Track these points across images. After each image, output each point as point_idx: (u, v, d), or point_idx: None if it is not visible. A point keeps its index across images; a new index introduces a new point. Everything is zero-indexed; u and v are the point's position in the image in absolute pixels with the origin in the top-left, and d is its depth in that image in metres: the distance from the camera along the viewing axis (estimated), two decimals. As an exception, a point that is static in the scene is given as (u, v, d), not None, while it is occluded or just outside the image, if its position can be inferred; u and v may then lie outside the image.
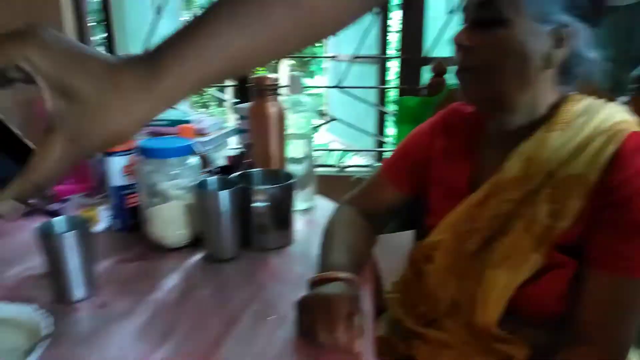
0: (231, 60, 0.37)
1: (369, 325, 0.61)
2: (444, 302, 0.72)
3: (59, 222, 0.68)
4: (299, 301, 0.60)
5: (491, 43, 0.65)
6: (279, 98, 0.99)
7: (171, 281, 0.74)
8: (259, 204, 0.81)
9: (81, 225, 0.67)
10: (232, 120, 1.32)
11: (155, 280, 0.74)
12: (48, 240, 0.64)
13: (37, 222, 0.67)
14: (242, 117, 1.21)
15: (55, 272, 0.66)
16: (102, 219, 0.93)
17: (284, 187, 0.83)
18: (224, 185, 0.82)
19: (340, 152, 2.08)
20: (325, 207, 1.05)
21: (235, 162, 1.11)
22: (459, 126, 0.81)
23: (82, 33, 1.90)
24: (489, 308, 0.65)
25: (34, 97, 0.36)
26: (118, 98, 0.34)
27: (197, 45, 0.36)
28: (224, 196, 0.77)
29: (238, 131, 1.28)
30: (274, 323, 0.62)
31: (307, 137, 1.04)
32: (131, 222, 0.90)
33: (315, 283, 0.64)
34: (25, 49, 0.32)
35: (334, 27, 0.41)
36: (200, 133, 1.22)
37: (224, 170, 1.07)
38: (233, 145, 1.32)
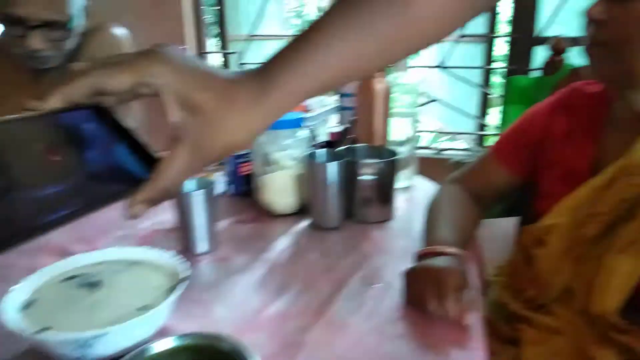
0: (338, 72, 0.39)
1: (478, 301, 0.61)
2: (556, 287, 0.69)
3: (188, 182, 0.76)
4: (408, 272, 0.61)
5: (628, 17, 0.60)
6: (385, 75, 1.00)
7: (281, 244, 0.79)
8: (366, 177, 0.83)
9: (208, 186, 0.74)
10: (333, 98, 1.35)
11: (267, 242, 0.79)
12: (180, 198, 0.72)
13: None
14: (343, 95, 1.24)
15: (185, 226, 0.74)
16: (218, 184, 1.01)
17: (389, 162, 0.84)
18: (331, 157, 0.86)
19: (437, 134, 2.03)
20: (424, 186, 1.05)
21: (338, 138, 1.13)
22: (581, 106, 0.76)
23: (197, 12, 2.03)
24: (608, 295, 0.61)
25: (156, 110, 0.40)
26: (234, 111, 0.37)
27: (304, 60, 0.37)
28: (333, 168, 0.80)
29: (340, 108, 1.31)
30: (380, 290, 0.64)
31: (411, 116, 1.04)
32: (244, 188, 0.97)
33: (422, 256, 0.65)
34: (153, 67, 0.35)
35: (440, 34, 0.41)
36: (305, 109, 1.26)
37: (328, 146, 1.10)
38: (334, 123, 1.35)
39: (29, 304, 0.51)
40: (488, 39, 1.91)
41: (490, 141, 1.95)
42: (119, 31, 1.25)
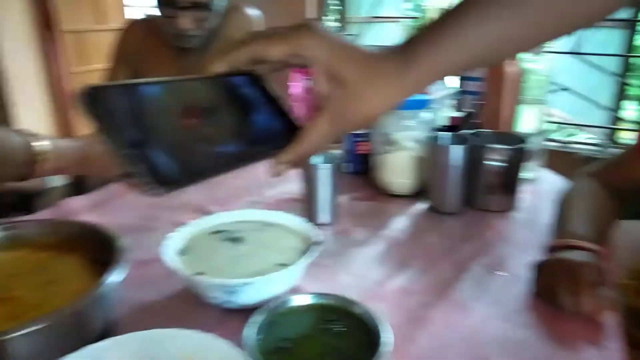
0: (480, 52, 0.39)
1: (615, 300, 0.57)
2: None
3: (316, 156, 0.79)
4: (539, 263, 0.59)
5: None
6: (518, 59, 0.95)
7: (399, 223, 0.80)
8: (492, 163, 0.80)
9: (334, 161, 0.77)
10: (454, 83, 1.32)
11: (384, 220, 0.81)
12: (308, 169, 0.76)
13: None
14: (466, 79, 1.20)
15: (309, 197, 0.78)
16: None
17: (518, 149, 0.81)
18: (455, 141, 0.84)
19: (561, 125, 1.88)
20: (550, 179, 0.99)
21: (458, 123, 1.11)
22: None
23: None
24: None
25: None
26: (375, 84, 0.39)
27: (448, 37, 0.38)
28: (457, 151, 0.79)
29: (462, 93, 1.27)
30: (505, 279, 0.63)
31: (541, 104, 0.98)
32: (360, 167, 0.99)
33: (555, 248, 0.62)
34: (306, 40, 0.38)
35: (593, 19, 0.39)
36: (426, 92, 1.25)
37: (448, 130, 1.08)
38: (454, 107, 1.31)
39: (184, 251, 0.58)
40: (630, 24, 1.72)
41: (626, 136, 1.77)
42: (253, 12, 1.33)
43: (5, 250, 0.54)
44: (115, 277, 0.45)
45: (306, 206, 0.79)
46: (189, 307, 0.56)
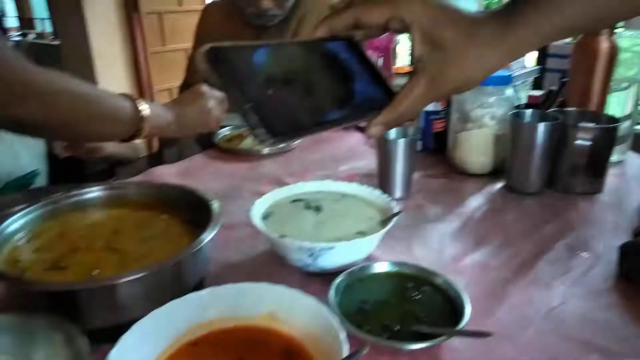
0: (585, 17, 0.37)
1: None
2: None
3: (392, 130, 0.80)
4: (625, 246, 0.57)
5: None
6: (615, 33, 0.89)
7: (475, 202, 0.79)
8: (581, 142, 0.77)
9: (411, 136, 0.77)
10: (533, 60, 1.26)
11: (459, 198, 0.80)
12: (385, 143, 0.76)
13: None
14: (549, 56, 1.14)
15: (385, 171, 0.78)
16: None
17: (609, 129, 0.77)
18: (539, 119, 0.81)
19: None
20: (637, 162, 0.93)
21: (539, 102, 1.06)
22: None
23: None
24: None
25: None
26: (475, 48, 0.38)
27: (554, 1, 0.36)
28: (542, 129, 0.76)
29: (543, 70, 1.22)
30: (589, 260, 0.60)
31: (635, 83, 0.91)
32: (434, 145, 0.98)
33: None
34: (408, 3, 0.39)
35: None
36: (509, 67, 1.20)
37: (528, 109, 1.04)
38: (535, 85, 1.26)
39: (267, 216, 0.61)
40: None
41: None
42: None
43: (109, 208, 0.60)
44: (210, 235, 0.49)
45: (379, 181, 0.80)
46: (270, 268, 0.59)
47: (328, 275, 0.54)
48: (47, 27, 3.63)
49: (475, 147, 0.87)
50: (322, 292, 0.46)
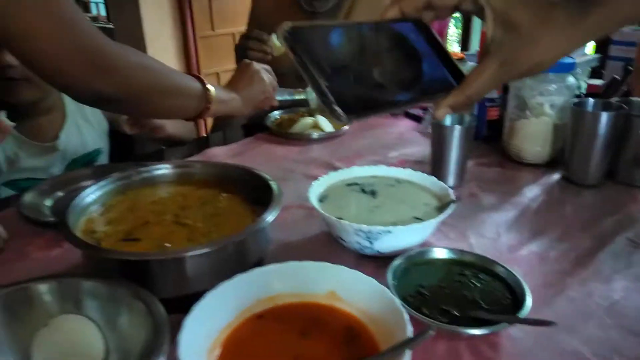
0: None
1: None
2: None
3: (448, 117, 0.79)
4: None
5: None
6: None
7: (530, 192, 0.77)
8: (647, 133, 0.74)
9: (468, 123, 0.76)
10: (591, 48, 1.20)
11: (515, 187, 0.79)
12: (441, 130, 0.76)
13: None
14: (612, 43, 1.09)
15: (439, 158, 0.78)
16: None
17: (679, 120, 0.73)
18: (602, 108, 0.78)
19: None
20: None
21: (601, 91, 1.02)
22: None
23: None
24: None
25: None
26: (549, 30, 0.37)
27: None
28: (605, 119, 0.73)
29: (604, 59, 1.16)
30: (654, 255, 0.58)
31: None
32: (488, 133, 0.96)
33: None
34: None
35: None
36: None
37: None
38: (592, 74, 1.20)
39: (323, 198, 0.63)
40: None
41: None
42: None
43: (175, 185, 0.63)
44: (273, 215, 0.51)
45: (432, 167, 0.80)
46: (325, 249, 0.61)
47: (381, 259, 0.54)
48: (102, 11, 3.76)
49: (533, 136, 0.85)
50: (376, 275, 0.47)
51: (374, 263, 0.56)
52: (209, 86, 0.73)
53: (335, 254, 0.59)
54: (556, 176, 0.82)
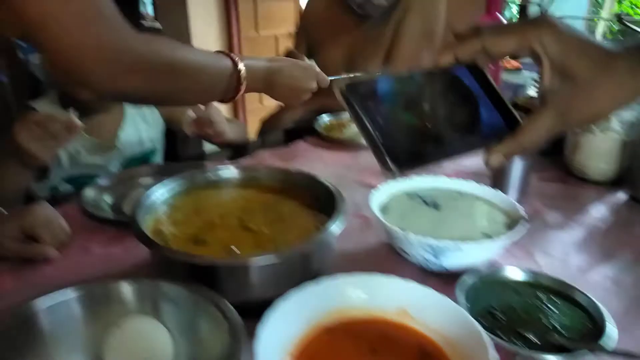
0: None
1: None
2: None
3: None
4: None
5: None
6: None
7: (597, 211, 0.74)
8: None
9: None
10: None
11: (579, 205, 0.75)
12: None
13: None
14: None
15: (500, 171, 0.75)
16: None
17: None
18: (678, 126, 0.74)
19: None
20: None
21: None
22: None
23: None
24: None
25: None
26: (607, 83, 0.36)
27: None
28: (683, 138, 0.69)
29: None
30: None
31: None
32: (551, 147, 0.92)
33: None
34: (542, 34, 0.37)
35: None
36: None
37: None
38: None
39: (384, 209, 0.61)
40: None
41: None
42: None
43: (238, 188, 0.63)
44: (340, 225, 0.50)
45: (493, 181, 0.77)
46: (387, 261, 0.59)
47: (446, 275, 0.53)
48: (150, 10, 3.85)
49: (598, 152, 0.81)
50: (442, 292, 0.46)
51: (439, 279, 0.54)
52: (240, 66, 0.66)
53: (398, 267, 0.57)
54: (622, 195, 0.79)
